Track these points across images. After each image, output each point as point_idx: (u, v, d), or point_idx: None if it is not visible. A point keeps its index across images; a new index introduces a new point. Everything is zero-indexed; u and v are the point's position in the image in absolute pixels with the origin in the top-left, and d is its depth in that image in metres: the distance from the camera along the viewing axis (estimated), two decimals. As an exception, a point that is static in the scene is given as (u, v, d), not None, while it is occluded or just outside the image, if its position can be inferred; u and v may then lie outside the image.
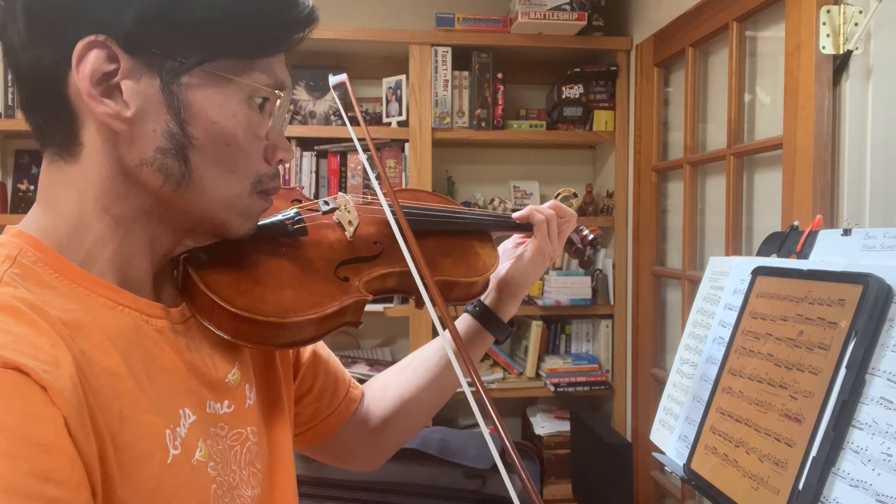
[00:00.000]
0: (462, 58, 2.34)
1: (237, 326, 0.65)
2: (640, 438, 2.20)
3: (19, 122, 2.19)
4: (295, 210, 0.77)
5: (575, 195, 2.51)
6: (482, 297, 0.95)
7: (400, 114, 2.34)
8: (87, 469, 0.47)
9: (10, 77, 2.17)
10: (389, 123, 2.35)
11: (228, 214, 0.63)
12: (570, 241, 1.06)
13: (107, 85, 0.55)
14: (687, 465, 0.90)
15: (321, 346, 0.91)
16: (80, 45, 0.54)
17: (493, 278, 0.96)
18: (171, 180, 0.58)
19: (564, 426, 2.43)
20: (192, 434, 0.58)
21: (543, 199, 2.62)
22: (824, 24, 1.33)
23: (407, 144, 2.33)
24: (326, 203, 0.81)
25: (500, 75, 2.35)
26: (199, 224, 0.63)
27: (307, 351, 0.87)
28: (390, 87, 2.37)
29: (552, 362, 2.47)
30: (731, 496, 0.80)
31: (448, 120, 2.33)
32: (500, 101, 2.36)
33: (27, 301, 0.49)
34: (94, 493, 0.47)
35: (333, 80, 0.87)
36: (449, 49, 2.30)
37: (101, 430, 0.49)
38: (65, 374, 0.47)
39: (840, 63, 1.34)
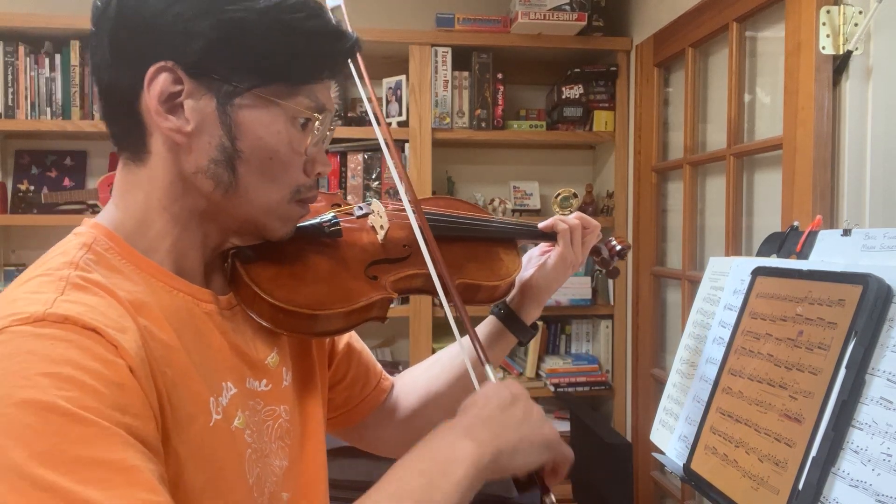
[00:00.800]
0: (462, 58, 2.34)
1: (275, 315, 0.73)
2: (640, 438, 2.20)
3: (19, 122, 2.19)
4: (332, 214, 0.85)
5: (575, 195, 2.50)
6: (507, 301, 1.00)
7: (400, 114, 2.34)
8: (152, 412, 0.56)
9: (9, 78, 2.17)
10: (389, 124, 2.35)
11: (269, 219, 0.71)
12: (597, 251, 1.10)
13: (172, 104, 0.64)
14: (687, 466, 0.90)
15: (355, 339, 0.98)
16: (151, 69, 0.63)
17: (518, 283, 1.01)
18: (220, 186, 0.67)
19: (564, 426, 2.42)
20: (232, 404, 0.67)
21: (543, 200, 2.62)
22: (824, 24, 1.33)
23: (407, 145, 2.33)
24: (360, 208, 0.89)
25: (500, 75, 2.35)
26: (244, 226, 0.72)
27: (342, 342, 0.94)
28: (390, 88, 2.37)
29: (552, 362, 2.47)
30: (731, 496, 0.80)
31: (448, 120, 2.33)
32: (500, 102, 2.36)
33: (99, 283, 0.60)
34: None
35: (331, 2, 0.89)
36: (449, 49, 2.30)
37: (160, 388, 0.59)
38: (130, 338, 0.57)
39: (840, 63, 1.34)
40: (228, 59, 0.64)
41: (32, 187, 2.35)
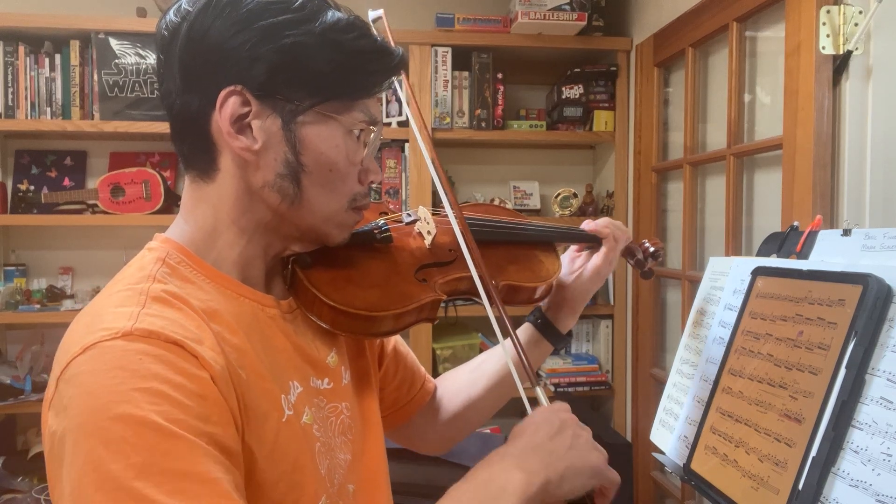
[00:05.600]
0: (462, 58, 2.34)
1: (334, 318, 0.77)
2: (640, 438, 2.20)
3: (19, 122, 2.19)
4: (383, 221, 0.89)
5: (575, 195, 2.51)
6: (543, 310, 1.03)
7: (400, 114, 2.34)
8: (231, 414, 0.61)
9: (9, 78, 2.17)
10: (389, 123, 2.35)
11: (329, 226, 0.76)
12: (632, 253, 1.12)
13: (241, 124, 0.69)
14: (687, 466, 0.90)
15: (401, 343, 1.03)
16: (222, 93, 0.68)
17: (554, 291, 1.04)
18: (286, 199, 0.72)
19: (564, 426, 2.42)
20: (300, 401, 0.72)
21: (543, 200, 2.62)
22: (824, 24, 1.33)
23: (407, 144, 2.33)
24: (409, 215, 0.94)
25: (500, 75, 2.35)
26: (306, 234, 0.76)
27: (390, 346, 0.99)
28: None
29: (552, 362, 2.47)
30: (730, 496, 0.80)
31: (448, 120, 2.33)
32: (500, 101, 2.36)
33: (174, 294, 0.65)
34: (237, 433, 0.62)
35: (372, 14, 0.95)
36: (449, 49, 2.30)
37: (237, 390, 0.63)
38: (207, 347, 0.62)
39: (840, 63, 1.34)
40: (291, 80, 0.69)
41: (32, 187, 2.35)
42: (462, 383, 1.05)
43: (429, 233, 0.91)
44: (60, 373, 0.59)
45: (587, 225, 1.03)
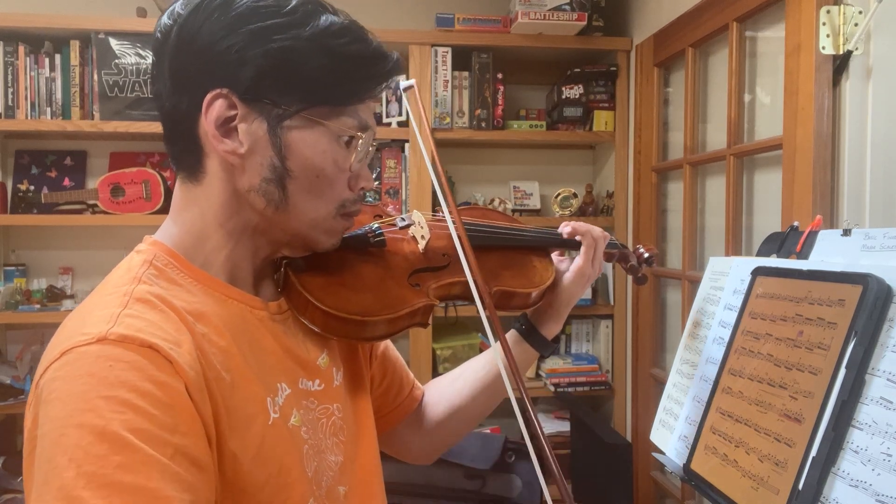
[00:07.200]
0: (462, 58, 2.34)
1: (326, 322, 0.77)
2: (640, 438, 2.20)
3: (19, 122, 2.19)
4: (376, 225, 0.89)
5: (575, 195, 2.51)
6: (528, 316, 1.02)
7: (400, 114, 2.34)
8: (204, 424, 0.61)
9: (9, 78, 2.17)
10: (389, 123, 2.35)
11: (315, 232, 0.75)
12: (626, 259, 1.12)
13: (227, 127, 0.69)
14: (687, 466, 0.90)
15: (391, 348, 1.02)
16: (208, 96, 0.68)
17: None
18: (271, 203, 0.71)
19: (564, 426, 2.43)
20: (287, 403, 0.72)
21: (543, 200, 2.62)
22: (824, 24, 1.33)
23: (407, 145, 2.33)
24: (403, 219, 0.93)
25: (500, 75, 2.35)
26: (293, 239, 0.76)
27: (378, 350, 0.98)
28: (390, 87, 2.36)
29: (552, 362, 2.47)
30: (730, 496, 0.80)
31: (448, 120, 2.33)
32: (500, 102, 2.36)
33: (159, 295, 0.65)
34: (209, 443, 0.61)
35: (404, 84, 0.98)
36: (449, 49, 2.30)
37: (215, 396, 0.63)
38: (185, 351, 0.61)
39: (840, 63, 1.34)
40: (278, 84, 0.68)
41: (32, 187, 2.35)
42: (446, 392, 1.03)
43: (423, 237, 0.91)
44: (39, 377, 0.59)
45: (564, 228, 1.03)
